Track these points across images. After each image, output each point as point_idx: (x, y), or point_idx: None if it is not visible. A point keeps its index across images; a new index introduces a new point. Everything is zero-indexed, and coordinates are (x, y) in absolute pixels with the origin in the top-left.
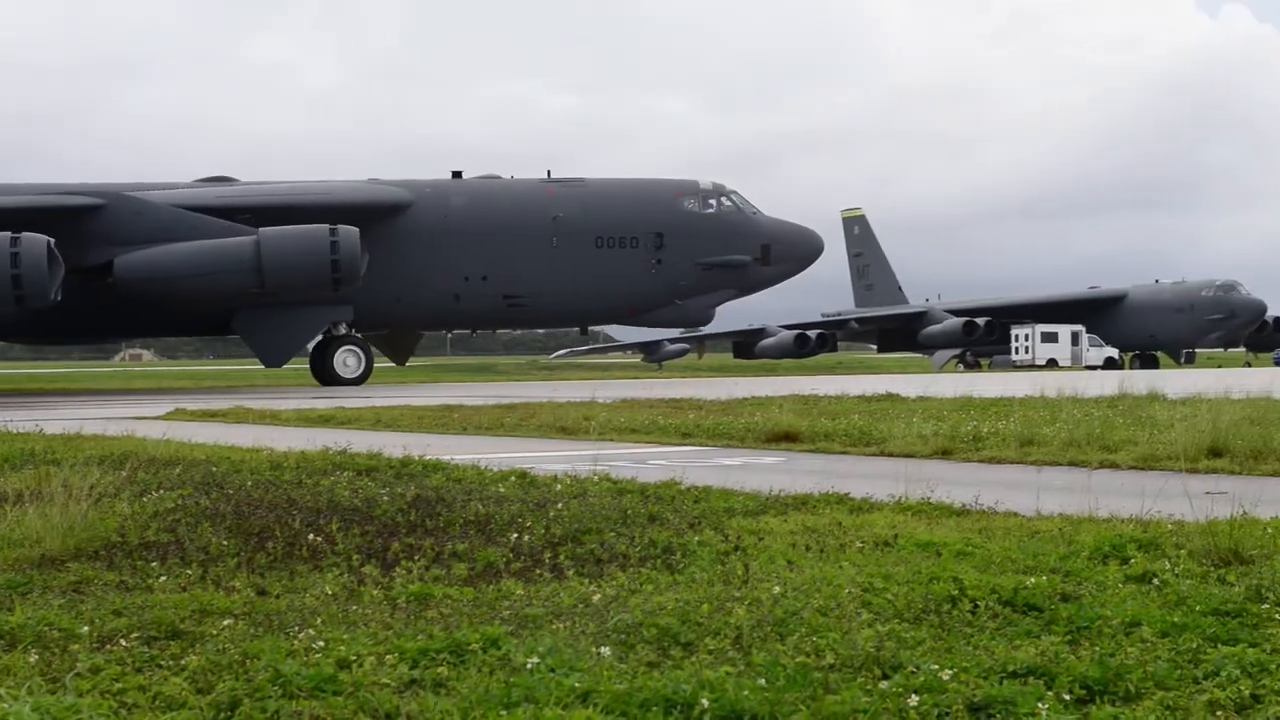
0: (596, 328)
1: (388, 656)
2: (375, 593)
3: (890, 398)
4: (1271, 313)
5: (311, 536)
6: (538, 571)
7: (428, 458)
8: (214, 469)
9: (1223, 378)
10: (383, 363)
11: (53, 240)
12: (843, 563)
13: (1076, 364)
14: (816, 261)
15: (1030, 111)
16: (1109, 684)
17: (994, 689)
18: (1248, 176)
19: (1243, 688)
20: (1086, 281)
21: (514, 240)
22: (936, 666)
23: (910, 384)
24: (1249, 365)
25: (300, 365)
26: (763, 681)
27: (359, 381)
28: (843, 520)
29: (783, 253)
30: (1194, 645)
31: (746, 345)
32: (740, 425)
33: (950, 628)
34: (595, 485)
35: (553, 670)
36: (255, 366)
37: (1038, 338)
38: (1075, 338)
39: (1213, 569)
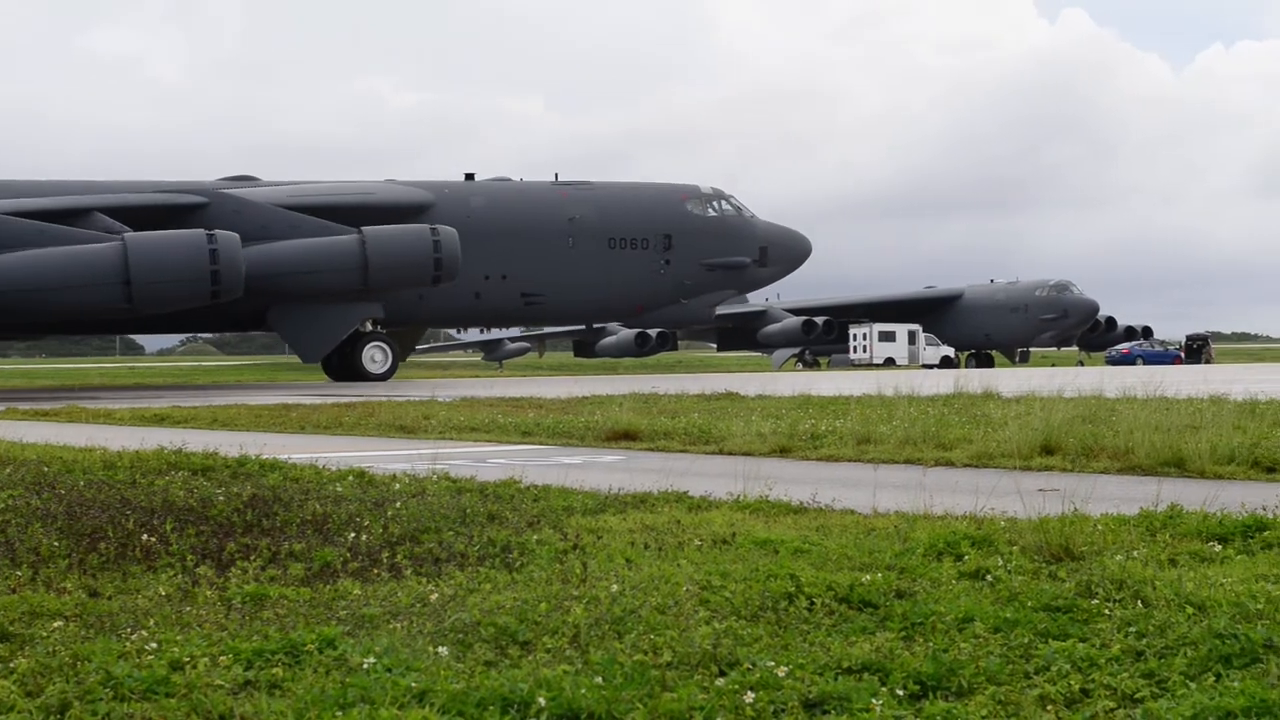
0: (602, 326)
1: (222, 658)
2: (210, 593)
3: (729, 396)
4: (1104, 312)
5: (145, 537)
6: (375, 571)
7: (264, 457)
8: (45, 469)
9: (1056, 376)
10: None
11: None
12: (681, 561)
13: (913, 363)
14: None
15: (873, 112)
16: (942, 679)
17: (829, 685)
18: (1084, 178)
19: (1073, 682)
20: (927, 281)
21: (532, 240)
22: (773, 663)
23: (749, 383)
24: (1082, 364)
25: (156, 361)
26: (600, 680)
27: (386, 377)
28: (681, 518)
29: (778, 254)
30: (1025, 640)
31: (587, 344)
32: (580, 424)
33: (787, 625)
34: (434, 484)
35: (389, 670)
36: (91, 365)
37: (875, 337)
38: (912, 337)
39: (1044, 565)
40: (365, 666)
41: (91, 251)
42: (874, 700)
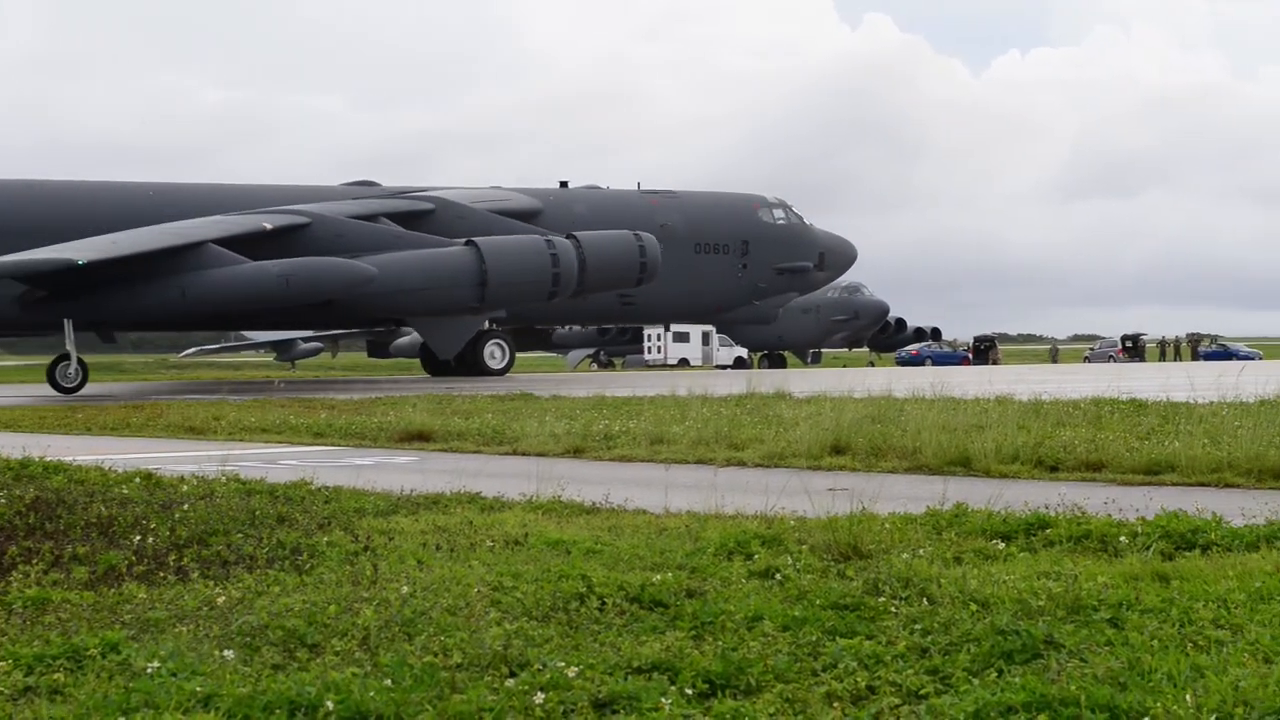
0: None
1: (1, 664)
2: None
3: (524, 397)
4: (896, 314)
5: None
6: (161, 574)
7: (48, 458)
8: None
9: (846, 377)
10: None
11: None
12: (473, 562)
13: (707, 363)
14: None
15: (678, 115)
16: (731, 678)
17: (619, 685)
18: (885, 181)
19: (859, 679)
20: None
21: None
22: (563, 664)
23: (544, 383)
24: (872, 365)
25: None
26: (389, 682)
27: (504, 372)
28: (474, 519)
29: (833, 259)
30: (814, 638)
31: (381, 344)
32: (373, 425)
33: (578, 625)
34: (223, 486)
35: (174, 674)
36: None
37: (669, 337)
38: (706, 338)
39: (833, 564)
40: (149, 671)
41: (454, 254)
42: (663, 699)
